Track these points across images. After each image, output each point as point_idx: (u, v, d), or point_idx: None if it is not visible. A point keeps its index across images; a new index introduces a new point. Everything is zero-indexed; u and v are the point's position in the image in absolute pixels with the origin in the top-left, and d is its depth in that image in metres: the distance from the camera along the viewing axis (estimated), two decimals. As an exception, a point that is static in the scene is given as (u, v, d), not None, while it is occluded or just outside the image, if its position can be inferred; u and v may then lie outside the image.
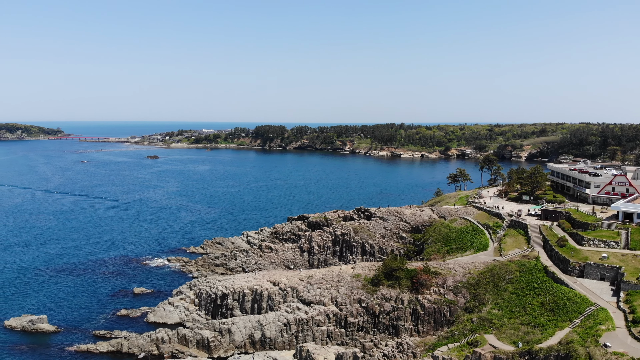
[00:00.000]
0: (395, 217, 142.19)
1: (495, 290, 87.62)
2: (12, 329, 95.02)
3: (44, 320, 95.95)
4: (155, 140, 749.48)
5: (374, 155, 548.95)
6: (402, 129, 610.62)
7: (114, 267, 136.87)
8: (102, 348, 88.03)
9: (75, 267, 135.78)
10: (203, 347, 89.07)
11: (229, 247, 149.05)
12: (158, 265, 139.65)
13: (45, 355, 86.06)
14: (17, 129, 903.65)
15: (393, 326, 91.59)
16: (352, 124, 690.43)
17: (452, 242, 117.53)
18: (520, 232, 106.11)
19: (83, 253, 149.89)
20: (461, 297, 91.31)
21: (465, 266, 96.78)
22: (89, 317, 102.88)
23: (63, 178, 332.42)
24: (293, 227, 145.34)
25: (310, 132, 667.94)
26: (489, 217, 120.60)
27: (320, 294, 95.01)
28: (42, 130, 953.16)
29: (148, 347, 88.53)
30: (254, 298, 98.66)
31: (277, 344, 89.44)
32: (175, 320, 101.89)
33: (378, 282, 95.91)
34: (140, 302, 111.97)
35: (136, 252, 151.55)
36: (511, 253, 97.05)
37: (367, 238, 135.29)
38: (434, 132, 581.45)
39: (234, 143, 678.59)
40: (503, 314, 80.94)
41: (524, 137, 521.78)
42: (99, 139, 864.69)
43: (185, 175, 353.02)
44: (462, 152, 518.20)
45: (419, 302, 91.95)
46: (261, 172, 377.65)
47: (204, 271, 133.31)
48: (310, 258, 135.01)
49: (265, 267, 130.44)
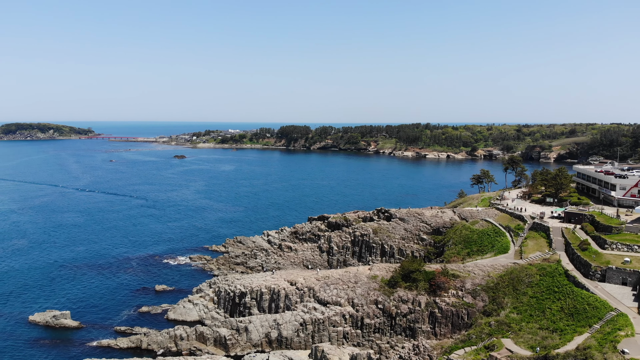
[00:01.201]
0: (416, 219, 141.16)
1: (515, 293, 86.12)
2: (36, 324, 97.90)
3: (67, 316, 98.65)
4: (183, 140, 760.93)
5: (399, 155, 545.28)
6: (428, 129, 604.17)
7: (137, 265, 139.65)
8: (122, 344, 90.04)
9: (100, 264, 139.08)
10: (220, 345, 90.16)
11: (249, 246, 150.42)
12: (180, 263, 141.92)
13: (67, 350, 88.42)
14: (49, 129, 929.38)
15: (410, 328, 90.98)
16: (376, 124, 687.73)
17: (472, 244, 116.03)
18: (542, 234, 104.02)
19: (109, 250, 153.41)
20: (479, 300, 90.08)
21: (485, 269, 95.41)
22: (111, 313, 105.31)
23: (92, 177, 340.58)
24: (313, 227, 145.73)
25: (334, 132, 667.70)
26: (511, 219, 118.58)
27: (336, 294, 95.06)
28: (73, 130, 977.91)
29: (167, 344, 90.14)
30: (272, 297, 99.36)
31: (293, 343, 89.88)
32: (195, 318, 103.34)
33: (395, 284, 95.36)
34: (162, 300, 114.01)
35: (160, 250, 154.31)
36: (532, 256, 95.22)
37: (387, 239, 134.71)
38: (461, 132, 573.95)
39: (259, 143, 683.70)
40: (522, 318, 79.52)
41: (553, 137, 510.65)
42: (128, 138, 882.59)
43: (211, 174, 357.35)
44: (489, 153, 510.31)
45: (436, 305, 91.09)
46: (285, 172, 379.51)
47: (224, 270, 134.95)
48: (329, 258, 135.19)
49: (285, 267, 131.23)
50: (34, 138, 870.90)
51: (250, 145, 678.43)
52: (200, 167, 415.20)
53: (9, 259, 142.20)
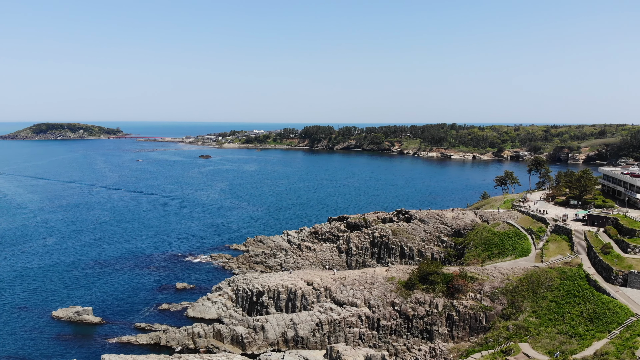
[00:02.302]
0: (436, 220, 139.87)
1: (534, 297, 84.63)
2: (58, 319, 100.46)
3: (89, 312, 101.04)
4: (209, 140, 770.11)
5: (423, 156, 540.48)
6: (454, 130, 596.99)
7: (160, 262, 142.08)
8: (141, 340, 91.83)
9: (123, 261, 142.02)
10: (237, 343, 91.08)
11: (269, 246, 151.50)
12: (202, 262, 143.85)
13: (87, 346, 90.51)
14: (79, 129, 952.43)
15: (427, 331, 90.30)
16: (400, 125, 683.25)
17: (493, 246, 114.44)
18: (564, 237, 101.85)
19: (131, 248, 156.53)
20: (498, 304, 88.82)
21: (504, 272, 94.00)
22: (132, 309, 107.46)
23: (119, 176, 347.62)
24: (332, 227, 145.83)
25: (358, 132, 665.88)
26: (533, 222, 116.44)
27: (353, 295, 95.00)
28: (102, 130, 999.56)
29: (185, 341, 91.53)
30: (288, 297, 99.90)
31: (309, 343, 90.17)
32: (213, 316, 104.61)
33: (412, 286, 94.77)
34: (182, 297, 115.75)
35: (182, 248, 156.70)
36: (553, 259, 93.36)
37: (406, 241, 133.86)
38: (487, 132, 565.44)
39: (282, 143, 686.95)
40: (540, 322, 78.11)
41: (581, 138, 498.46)
42: (155, 138, 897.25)
43: (235, 174, 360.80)
44: (515, 154, 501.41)
45: (454, 308, 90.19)
46: (308, 172, 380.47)
47: (244, 268, 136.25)
48: (348, 259, 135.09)
49: (303, 267, 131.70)
50: (64, 138, 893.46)
51: (274, 146, 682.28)
52: (225, 167, 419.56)
53: (36, 255, 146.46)
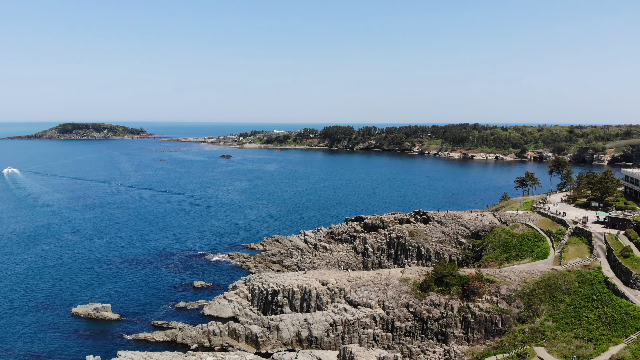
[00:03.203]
0: (454, 222, 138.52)
1: (551, 300, 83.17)
2: (78, 316, 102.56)
3: (107, 309, 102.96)
4: (230, 140, 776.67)
5: (445, 156, 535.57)
6: (476, 130, 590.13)
7: (178, 261, 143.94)
8: (158, 337, 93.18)
9: (143, 259, 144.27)
10: (252, 342, 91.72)
11: (286, 245, 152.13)
12: (219, 260, 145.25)
13: (105, 342, 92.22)
14: (103, 129, 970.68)
15: (442, 333, 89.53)
16: (421, 124, 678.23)
17: (512, 249, 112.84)
18: (584, 240, 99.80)
19: (152, 246, 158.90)
20: (515, 307, 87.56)
21: (521, 274, 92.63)
22: (150, 307, 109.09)
23: (142, 175, 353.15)
24: (349, 227, 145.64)
25: (378, 132, 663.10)
26: (553, 224, 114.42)
27: (367, 296, 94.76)
28: (126, 130, 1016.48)
29: (200, 339, 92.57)
30: (303, 296, 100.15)
31: (323, 343, 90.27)
32: (229, 314, 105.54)
33: (427, 288, 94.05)
34: (199, 295, 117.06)
35: (201, 247, 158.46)
36: (571, 262, 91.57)
37: (423, 242, 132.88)
38: (510, 133, 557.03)
39: (302, 144, 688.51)
40: (557, 326, 76.73)
41: (607, 139, 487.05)
42: (178, 138, 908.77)
43: (255, 174, 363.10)
44: (539, 155, 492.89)
45: (469, 310, 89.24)
46: (327, 172, 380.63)
47: (261, 267, 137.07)
48: (364, 260, 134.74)
49: (320, 267, 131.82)
50: (89, 137, 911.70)
51: (294, 146, 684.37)
52: (246, 166, 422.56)
53: (58, 252, 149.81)
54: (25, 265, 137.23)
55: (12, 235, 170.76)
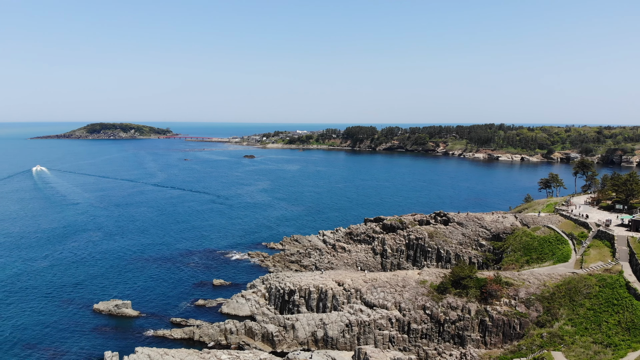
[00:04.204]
0: (475, 223, 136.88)
1: (571, 305, 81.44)
2: (99, 312, 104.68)
3: (128, 306, 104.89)
4: (254, 140, 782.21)
5: (469, 157, 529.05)
6: (502, 130, 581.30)
7: (199, 259, 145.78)
8: (176, 334, 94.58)
9: (165, 257, 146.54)
10: (267, 340, 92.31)
11: (305, 245, 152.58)
12: (239, 259, 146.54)
13: (124, 338, 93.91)
14: (130, 129, 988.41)
15: (458, 336, 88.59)
16: (445, 125, 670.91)
17: (532, 251, 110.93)
18: (606, 243, 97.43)
19: (174, 244, 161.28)
20: (533, 311, 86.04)
21: (541, 278, 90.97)
22: (169, 304, 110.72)
23: (167, 174, 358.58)
24: (367, 228, 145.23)
25: (401, 132, 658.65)
26: (575, 227, 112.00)
27: (383, 297, 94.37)
28: (152, 130, 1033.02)
29: (217, 337, 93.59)
30: (319, 296, 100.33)
31: (338, 343, 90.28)
32: (247, 313, 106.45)
33: (444, 290, 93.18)
34: (218, 294, 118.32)
35: (221, 245, 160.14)
36: (593, 266, 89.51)
37: (443, 244, 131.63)
38: (537, 133, 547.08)
39: (325, 144, 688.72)
40: (576, 330, 75.10)
41: (636, 140, 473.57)
42: (203, 138, 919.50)
43: (278, 174, 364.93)
44: (566, 156, 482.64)
45: (487, 313, 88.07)
46: (349, 172, 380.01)
47: (280, 267, 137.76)
48: (383, 261, 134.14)
49: (338, 267, 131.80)
50: (116, 137, 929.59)
51: (317, 146, 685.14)
52: (268, 166, 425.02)
53: (83, 249, 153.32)
54: (51, 261, 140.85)
55: (40, 232, 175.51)
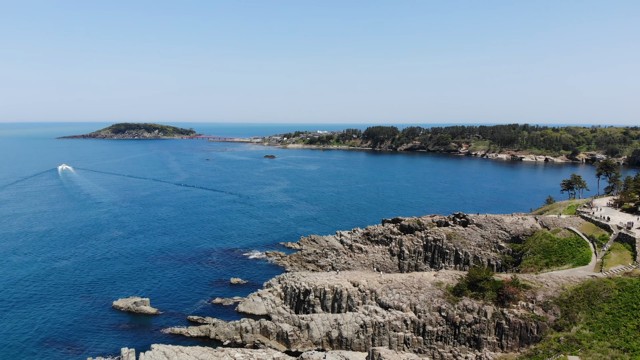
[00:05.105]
0: (494, 225, 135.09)
1: (590, 308, 79.81)
2: (118, 309, 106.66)
3: (146, 303, 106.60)
4: (274, 140, 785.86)
5: (492, 158, 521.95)
6: (526, 130, 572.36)
7: (217, 257, 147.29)
8: (192, 332, 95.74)
9: (184, 256, 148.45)
10: (282, 340, 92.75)
11: (322, 245, 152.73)
12: (257, 258, 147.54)
13: (141, 335, 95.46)
14: (154, 129, 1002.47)
15: (474, 339, 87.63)
16: (468, 125, 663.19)
17: (552, 254, 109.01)
18: (627, 246, 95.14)
19: (193, 243, 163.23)
20: (551, 314, 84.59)
21: (559, 281, 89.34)
22: (187, 302, 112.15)
23: (189, 174, 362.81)
24: (385, 229, 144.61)
25: (423, 133, 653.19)
26: (596, 229, 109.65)
27: (399, 299, 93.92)
28: (176, 130, 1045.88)
29: (232, 335, 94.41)
30: (334, 297, 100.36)
31: (353, 344, 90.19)
32: (262, 312, 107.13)
33: (461, 292, 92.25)
34: (235, 292, 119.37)
35: (240, 244, 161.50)
36: (613, 269, 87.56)
37: (461, 245, 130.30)
38: (561, 134, 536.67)
39: (345, 144, 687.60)
40: (594, 335, 73.56)
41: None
42: (225, 139, 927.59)
43: (297, 174, 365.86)
44: (591, 157, 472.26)
45: (504, 316, 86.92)
46: (370, 173, 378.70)
47: (296, 267, 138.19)
48: (400, 262, 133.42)
49: (354, 267, 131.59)
50: (140, 137, 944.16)
51: (337, 146, 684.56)
52: (288, 167, 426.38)
53: (105, 247, 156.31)
54: (74, 259, 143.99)
55: (64, 229, 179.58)
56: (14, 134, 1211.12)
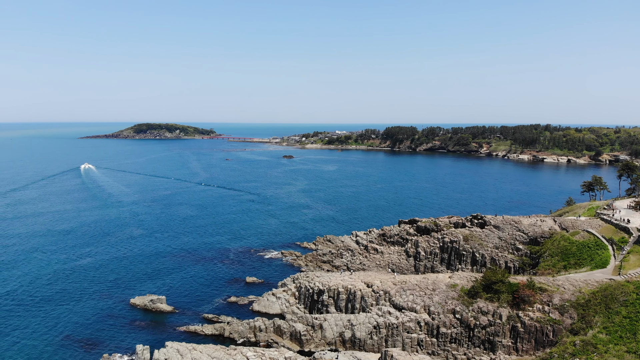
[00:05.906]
0: (512, 227, 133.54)
1: (607, 312, 78.47)
2: (135, 306, 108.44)
3: (163, 301, 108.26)
4: (293, 141, 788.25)
5: (513, 158, 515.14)
6: (548, 131, 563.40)
7: (234, 256, 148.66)
8: (207, 330, 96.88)
9: (201, 254, 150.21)
10: (295, 339, 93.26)
11: (337, 245, 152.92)
12: (272, 257, 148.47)
13: (156, 332, 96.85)
14: (175, 129, 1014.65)
15: (489, 341, 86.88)
16: (489, 125, 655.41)
17: (570, 256, 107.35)
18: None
19: (211, 241, 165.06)
20: (567, 317, 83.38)
21: (576, 284, 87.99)
22: (203, 300, 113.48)
23: (208, 173, 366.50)
24: (401, 230, 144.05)
25: (443, 133, 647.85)
26: (616, 231, 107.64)
27: (412, 300, 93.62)
28: (197, 130, 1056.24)
29: (246, 334, 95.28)
30: (348, 297, 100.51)
31: (366, 345, 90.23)
32: (277, 311, 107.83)
33: (475, 294, 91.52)
34: (250, 291, 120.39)
35: (257, 243, 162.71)
36: (631, 272, 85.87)
37: (479, 247, 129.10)
38: (584, 134, 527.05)
39: (363, 144, 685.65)
40: (610, 339, 72.33)
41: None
42: (245, 139, 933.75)
43: (315, 174, 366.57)
44: (615, 158, 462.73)
45: (519, 319, 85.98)
46: (388, 173, 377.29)
47: (312, 267, 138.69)
48: (416, 264, 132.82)
49: (369, 268, 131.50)
50: (162, 137, 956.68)
51: (355, 146, 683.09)
52: (306, 167, 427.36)
53: (123, 245, 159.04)
54: (95, 257, 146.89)
55: (85, 227, 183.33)
56: (39, 134, 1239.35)
